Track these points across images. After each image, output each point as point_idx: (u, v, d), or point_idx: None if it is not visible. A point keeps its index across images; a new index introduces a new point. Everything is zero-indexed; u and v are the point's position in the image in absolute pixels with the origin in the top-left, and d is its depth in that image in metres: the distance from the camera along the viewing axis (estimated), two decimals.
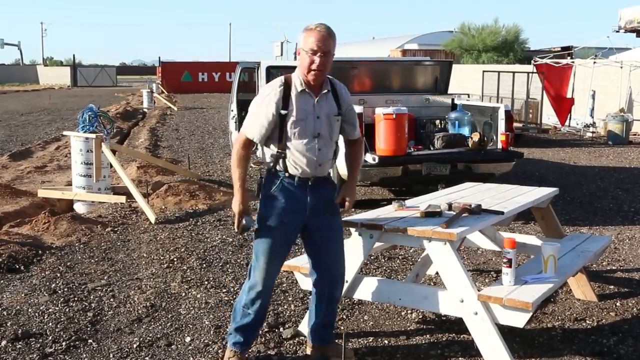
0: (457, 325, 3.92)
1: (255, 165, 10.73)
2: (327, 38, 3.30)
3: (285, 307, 4.53)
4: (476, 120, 8.15)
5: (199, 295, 4.75)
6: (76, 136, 8.06)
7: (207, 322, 4.26)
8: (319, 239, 3.52)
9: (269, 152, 3.44)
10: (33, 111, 24.14)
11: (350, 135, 3.62)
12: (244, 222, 3.40)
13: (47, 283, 5.04)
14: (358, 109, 7.14)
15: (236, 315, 3.58)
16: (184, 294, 4.79)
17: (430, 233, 3.45)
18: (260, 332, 4.07)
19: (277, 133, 3.37)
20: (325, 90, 3.43)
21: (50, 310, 4.48)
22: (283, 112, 3.33)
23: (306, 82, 3.37)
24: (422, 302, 3.70)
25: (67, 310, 4.48)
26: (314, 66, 3.30)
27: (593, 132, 15.78)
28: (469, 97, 10.82)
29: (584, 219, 7.31)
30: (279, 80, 3.41)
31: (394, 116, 7.06)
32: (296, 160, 3.37)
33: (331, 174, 7.46)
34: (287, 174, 3.40)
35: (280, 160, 3.39)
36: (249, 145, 3.42)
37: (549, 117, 16.75)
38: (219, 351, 3.82)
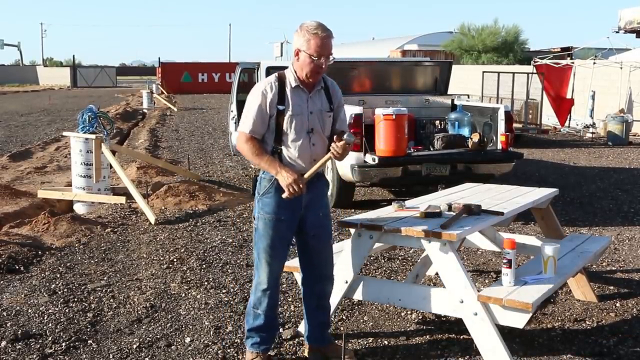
0: (457, 325, 3.92)
1: (255, 166, 10.76)
2: (329, 41, 3.34)
3: (285, 307, 4.53)
4: (476, 121, 8.15)
5: (198, 296, 4.75)
6: (76, 137, 8.06)
7: (207, 323, 4.26)
8: (310, 239, 3.55)
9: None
10: (33, 112, 24.14)
11: (340, 129, 3.58)
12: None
13: (47, 284, 5.04)
14: (357, 109, 7.18)
15: (249, 317, 3.62)
16: (183, 295, 4.79)
17: (430, 234, 3.45)
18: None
19: (272, 129, 3.40)
20: (319, 87, 3.48)
21: (50, 310, 4.48)
22: (280, 107, 3.37)
23: (301, 80, 3.41)
24: (422, 303, 3.70)
25: (66, 310, 4.48)
26: (318, 69, 3.35)
27: (593, 133, 15.77)
28: (468, 97, 10.84)
29: (583, 220, 7.32)
30: (273, 76, 3.45)
31: (394, 117, 7.05)
32: (291, 155, 3.41)
33: (331, 174, 7.47)
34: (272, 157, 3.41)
35: (276, 156, 3.42)
36: (252, 137, 3.40)
37: (548, 117, 16.75)
38: (219, 352, 3.82)
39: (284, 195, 3.33)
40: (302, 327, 4.00)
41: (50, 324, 4.24)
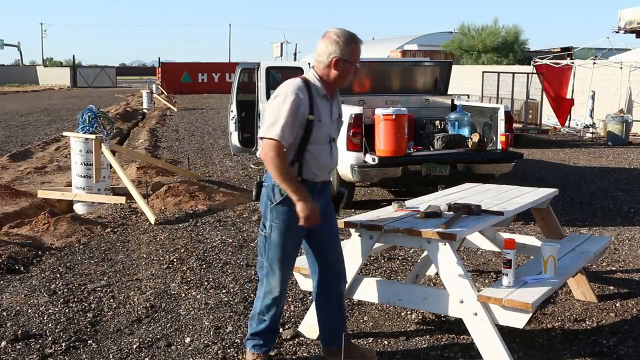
0: (457, 325, 3.92)
1: (255, 166, 10.77)
2: None
3: (285, 307, 4.52)
4: (476, 121, 8.15)
5: (198, 296, 4.75)
6: (76, 137, 8.07)
7: (206, 323, 4.26)
8: (322, 236, 3.51)
9: None
10: (33, 112, 24.14)
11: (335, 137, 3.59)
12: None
13: (47, 284, 5.04)
14: (357, 109, 7.19)
15: (252, 322, 3.60)
16: (183, 295, 4.79)
17: (430, 234, 3.45)
18: None
19: (298, 137, 3.27)
20: (335, 95, 3.47)
21: (50, 311, 4.48)
22: (311, 117, 3.25)
23: (328, 89, 3.36)
24: (422, 303, 3.70)
25: (66, 311, 4.48)
26: (354, 76, 3.38)
27: (593, 133, 15.78)
28: (468, 97, 10.83)
29: (583, 220, 7.32)
30: (300, 82, 3.28)
31: (394, 117, 7.05)
32: (313, 165, 3.33)
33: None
34: (299, 179, 3.32)
35: (296, 165, 3.31)
36: (281, 147, 3.21)
37: (548, 117, 16.75)
38: (219, 352, 3.82)
39: (301, 223, 3.26)
40: (303, 327, 4.01)
41: (50, 324, 4.24)
